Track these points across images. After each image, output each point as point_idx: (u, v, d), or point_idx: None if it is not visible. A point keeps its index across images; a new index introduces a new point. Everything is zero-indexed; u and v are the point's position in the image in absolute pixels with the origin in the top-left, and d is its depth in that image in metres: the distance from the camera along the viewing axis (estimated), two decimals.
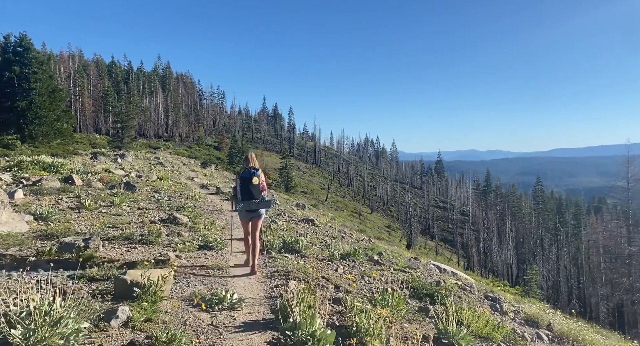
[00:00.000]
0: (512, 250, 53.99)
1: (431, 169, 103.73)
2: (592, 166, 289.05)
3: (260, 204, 6.08)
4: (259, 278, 5.73)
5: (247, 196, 6.03)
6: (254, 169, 6.10)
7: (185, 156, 48.01)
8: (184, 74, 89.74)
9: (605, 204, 51.24)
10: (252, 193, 6.02)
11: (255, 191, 6.03)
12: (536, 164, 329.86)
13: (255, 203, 6.03)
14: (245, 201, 6.03)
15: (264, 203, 6.13)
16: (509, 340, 4.82)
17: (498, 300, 7.30)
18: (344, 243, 10.07)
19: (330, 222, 17.56)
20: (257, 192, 6.04)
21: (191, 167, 32.74)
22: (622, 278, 27.90)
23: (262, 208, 6.16)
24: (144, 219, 9.13)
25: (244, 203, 6.04)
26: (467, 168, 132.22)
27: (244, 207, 6.05)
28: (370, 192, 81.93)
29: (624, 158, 28.03)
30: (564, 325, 6.20)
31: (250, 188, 6.02)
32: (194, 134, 72.92)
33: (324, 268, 6.73)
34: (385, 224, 65.07)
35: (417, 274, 7.86)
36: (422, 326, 4.73)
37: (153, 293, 4.06)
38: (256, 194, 6.03)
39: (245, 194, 6.04)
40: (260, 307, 4.53)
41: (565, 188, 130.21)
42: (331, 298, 5.11)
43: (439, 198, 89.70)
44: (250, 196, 6.02)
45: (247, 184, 6.02)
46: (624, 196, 28.02)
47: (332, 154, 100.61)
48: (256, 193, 6.03)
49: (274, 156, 76.85)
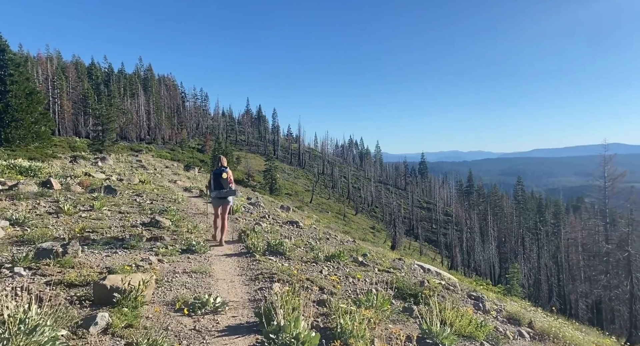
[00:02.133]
0: (494, 249, 54.85)
1: (415, 170, 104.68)
2: (570, 165, 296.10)
3: (227, 192, 8.15)
4: (243, 281, 5.68)
5: (217, 186, 8.11)
6: (223, 167, 8.22)
7: (168, 159, 47.42)
8: (167, 76, 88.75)
9: (583, 203, 52.41)
10: (221, 184, 8.11)
11: (224, 183, 8.11)
12: (517, 164, 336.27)
13: (223, 192, 8.10)
14: (216, 190, 8.10)
15: (230, 192, 8.21)
16: (491, 339, 4.88)
17: (481, 299, 7.38)
18: (329, 245, 10.05)
19: (315, 224, 17.55)
20: (225, 184, 8.12)
21: (174, 170, 32.34)
22: (600, 275, 28.58)
23: (229, 196, 8.21)
24: (125, 223, 8.95)
25: (215, 192, 8.12)
26: (450, 169, 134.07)
27: (215, 195, 8.11)
28: (354, 193, 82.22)
29: (601, 158, 28.72)
30: (545, 322, 6.31)
31: (220, 181, 8.10)
32: (177, 136, 72.07)
33: (308, 270, 6.71)
34: (370, 225, 65.36)
35: (401, 274, 7.90)
36: (406, 327, 4.76)
37: (134, 299, 3.99)
38: (224, 186, 8.12)
39: (216, 185, 8.12)
40: (244, 310, 4.49)
41: (545, 188, 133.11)
42: (316, 300, 5.10)
43: (423, 199, 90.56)
44: (220, 186, 8.11)
45: (218, 178, 8.11)
46: (601, 195, 28.69)
47: (317, 155, 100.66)
48: (224, 185, 8.12)
49: (258, 158, 76.51)
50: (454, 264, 52.03)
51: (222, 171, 8.15)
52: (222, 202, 8.12)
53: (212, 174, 8.25)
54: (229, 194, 8.18)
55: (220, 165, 8.26)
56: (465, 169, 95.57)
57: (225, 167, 8.25)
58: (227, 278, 5.79)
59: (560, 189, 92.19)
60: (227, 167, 8.32)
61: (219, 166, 8.27)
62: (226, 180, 8.15)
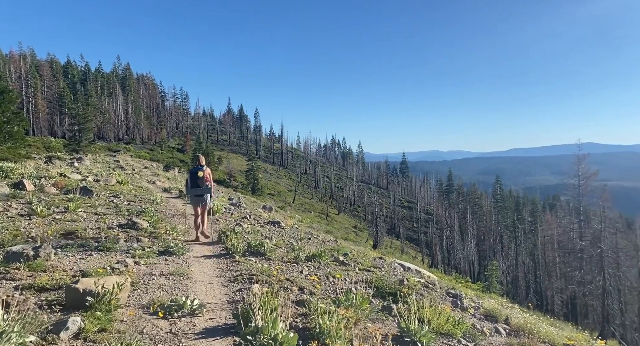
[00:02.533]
0: (473, 247, 55.80)
1: (396, 170, 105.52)
2: (547, 165, 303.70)
3: (204, 190, 8.43)
4: (222, 282, 5.62)
5: (194, 185, 8.38)
6: (200, 166, 8.47)
7: (147, 159, 46.61)
8: (145, 75, 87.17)
9: (559, 201, 53.83)
10: (197, 183, 8.37)
11: (200, 181, 8.38)
12: (495, 163, 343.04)
13: (200, 189, 8.39)
14: (193, 188, 8.38)
15: (206, 190, 8.46)
16: (468, 336, 4.94)
17: (459, 297, 7.48)
18: (310, 245, 10.04)
19: (297, 224, 17.51)
20: (202, 182, 8.40)
21: (153, 171, 31.81)
22: (575, 271, 29.39)
23: (206, 193, 8.47)
24: (101, 225, 8.76)
25: (192, 190, 8.39)
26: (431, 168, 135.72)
27: (192, 193, 8.40)
28: (337, 193, 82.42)
29: (575, 157, 29.53)
30: (521, 318, 6.43)
31: (196, 179, 8.37)
32: (156, 136, 70.88)
33: (288, 270, 6.68)
34: (353, 224, 65.64)
35: (381, 273, 7.94)
36: (385, 325, 4.78)
37: (108, 302, 3.89)
38: (201, 184, 8.39)
39: (193, 183, 8.38)
40: (222, 312, 4.44)
41: (522, 186, 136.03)
42: (295, 301, 5.08)
43: (404, 198, 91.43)
44: (196, 185, 8.38)
45: (195, 176, 8.37)
46: (575, 193, 29.48)
47: (299, 155, 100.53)
48: (201, 183, 8.39)
49: (240, 158, 75.94)
50: (434, 262, 52.74)
51: (199, 169, 8.43)
52: (199, 200, 8.42)
53: (189, 173, 8.60)
54: (204, 191, 8.44)
55: (198, 164, 8.54)
56: (445, 169, 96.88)
57: (202, 165, 8.50)
58: (206, 279, 5.72)
59: (537, 188, 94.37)
60: (205, 166, 8.58)
61: (196, 164, 8.57)
62: (202, 178, 8.41)
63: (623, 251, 31.26)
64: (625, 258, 32.36)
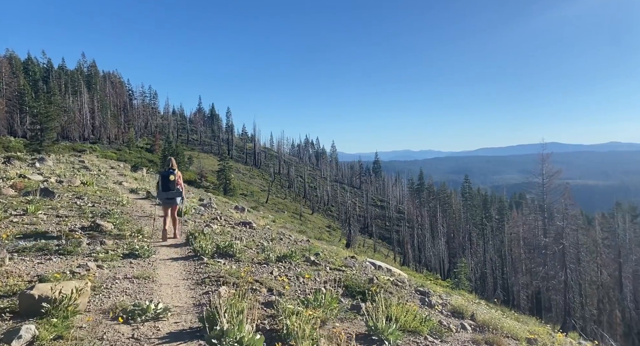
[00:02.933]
0: (443, 245, 57.01)
1: (369, 170, 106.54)
2: (513, 163, 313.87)
3: (175, 193, 8.62)
4: (189, 285, 5.50)
5: (165, 188, 8.56)
6: (171, 169, 8.68)
7: (114, 159, 45.21)
8: (112, 73, 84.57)
9: (524, 199, 55.76)
10: (168, 186, 8.55)
11: (171, 184, 8.57)
12: (464, 163, 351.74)
13: (171, 193, 8.57)
14: (164, 191, 8.55)
15: (178, 193, 8.67)
16: (435, 332, 5.03)
17: (427, 294, 7.61)
18: (282, 245, 9.98)
19: (270, 224, 17.37)
20: (172, 185, 8.58)
21: (120, 171, 30.87)
22: (539, 267, 30.49)
23: (177, 196, 8.66)
24: (63, 228, 8.41)
25: (163, 193, 8.56)
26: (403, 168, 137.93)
27: (163, 196, 8.57)
28: (311, 193, 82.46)
29: (540, 156, 30.62)
30: (486, 314, 6.60)
31: (167, 182, 8.55)
32: (123, 136, 68.87)
33: (258, 271, 6.62)
34: (326, 224, 65.81)
35: (352, 272, 7.98)
36: (353, 324, 4.80)
37: (65, 308, 3.73)
38: (172, 187, 8.58)
39: (165, 187, 8.56)
40: (188, 316, 4.34)
41: (490, 185, 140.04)
42: (264, 302, 5.03)
43: (377, 197, 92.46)
44: (168, 188, 8.55)
45: (166, 180, 8.55)
46: (539, 191, 30.57)
47: (273, 155, 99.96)
48: (172, 186, 8.57)
49: (212, 158, 74.82)
50: (406, 260, 53.56)
51: (171, 173, 8.63)
52: (170, 203, 8.67)
53: (160, 176, 8.75)
54: (176, 195, 8.65)
55: (170, 167, 8.77)
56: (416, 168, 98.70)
57: (173, 169, 8.74)
58: (172, 282, 5.58)
59: (504, 186, 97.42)
60: (176, 170, 8.82)
61: (168, 168, 8.78)
62: (174, 182, 8.62)
63: (583, 247, 32.70)
64: (586, 253, 33.87)
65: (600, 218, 44.62)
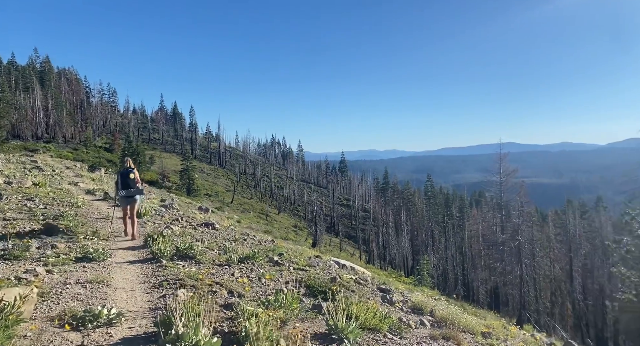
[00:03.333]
0: (407, 243, 58.23)
1: (336, 169, 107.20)
2: (473, 163, 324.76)
3: (135, 192, 8.78)
4: (145, 289, 5.33)
5: (125, 186, 8.70)
6: (130, 168, 8.91)
7: (70, 159, 43.22)
8: (68, 69, 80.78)
9: (484, 197, 57.65)
10: (129, 184, 8.72)
11: (131, 183, 8.75)
12: (427, 162, 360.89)
13: (131, 191, 8.72)
14: (124, 189, 8.68)
15: (137, 191, 8.86)
16: (394, 329, 5.12)
17: (389, 292, 7.74)
18: (245, 246, 9.85)
19: (234, 225, 17.15)
20: (132, 183, 8.76)
21: (76, 172, 29.54)
22: (497, 263, 31.74)
23: (137, 194, 8.84)
24: (10, 231, 7.95)
25: (123, 191, 8.68)
26: (368, 167, 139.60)
27: (124, 194, 8.67)
28: (277, 192, 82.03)
29: (497, 156, 31.83)
30: (445, 310, 6.80)
31: (127, 181, 8.72)
32: (80, 135, 65.91)
33: (219, 273, 6.51)
34: (293, 223, 65.68)
35: (316, 272, 8.01)
36: (314, 324, 4.81)
37: (7, 317, 3.53)
38: (132, 185, 8.76)
39: (124, 185, 8.70)
40: (143, 320, 4.21)
41: (452, 184, 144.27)
42: (224, 304, 4.96)
43: (343, 196, 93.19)
44: (128, 186, 8.72)
45: (126, 178, 8.72)
46: (497, 190, 31.77)
47: (238, 155, 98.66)
48: (132, 184, 8.76)
49: (175, 158, 72.98)
50: (371, 258, 54.29)
51: (130, 171, 8.83)
52: (130, 201, 8.75)
53: (119, 175, 8.87)
54: (136, 193, 8.83)
55: (128, 166, 8.97)
56: (381, 167, 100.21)
57: (132, 168, 8.97)
58: (128, 286, 5.40)
59: (465, 185, 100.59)
60: (134, 168, 9.06)
61: (126, 167, 8.99)
62: (134, 180, 8.80)
63: (538, 243, 34.30)
64: (540, 248, 35.55)
65: (553, 215, 46.98)
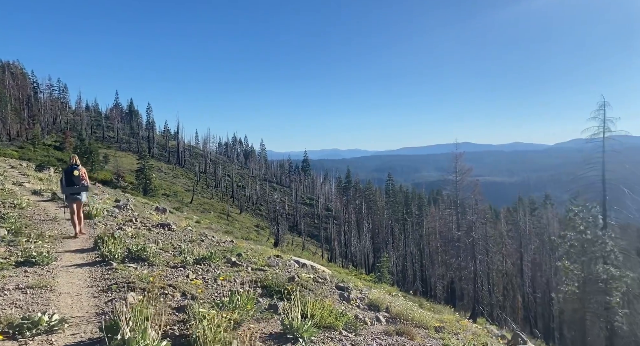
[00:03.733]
0: (368, 240, 59.19)
1: (299, 168, 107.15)
2: (431, 162, 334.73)
3: (80, 189, 8.79)
4: (93, 293, 5.11)
5: (70, 183, 8.72)
6: (75, 165, 8.88)
7: (15, 158, 40.70)
8: (12, 63, 75.95)
9: (441, 196, 59.60)
10: (73, 181, 8.74)
11: (76, 180, 8.75)
12: (388, 161, 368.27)
13: (76, 188, 8.73)
14: (68, 187, 8.69)
15: (83, 188, 8.87)
16: (350, 326, 5.18)
17: (347, 289, 7.83)
18: (202, 247, 9.67)
19: (193, 225, 16.75)
20: (77, 181, 8.77)
21: (22, 171, 27.79)
22: (452, 259, 32.93)
23: (82, 191, 8.85)
24: None
25: (68, 189, 8.69)
26: (331, 166, 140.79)
27: (68, 191, 8.68)
28: (239, 192, 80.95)
29: (453, 155, 32.99)
30: (400, 306, 6.97)
31: (72, 178, 8.73)
32: (27, 132, 62.19)
33: (173, 275, 6.34)
34: (255, 223, 65.07)
35: (275, 272, 7.97)
36: (270, 324, 4.79)
37: None
38: (77, 182, 8.76)
39: (69, 182, 8.72)
40: (89, 326, 4.03)
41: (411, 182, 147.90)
42: (176, 307, 4.83)
43: (306, 195, 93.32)
44: (72, 183, 8.73)
45: (70, 176, 8.73)
46: (453, 188, 32.91)
47: (198, 154, 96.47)
48: (77, 181, 8.76)
49: (131, 157, 70.38)
50: (333, 256, 54.74)
51: (75, 168, 8.82)
52: (76, 199, 8.76)
53: (64, 172, 8.85)
54: (81, 189, 8.82)
55: (73, 163, 8.94)
56: (344, 167, 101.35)
57: (77, 165, 8.95)
58: (74, 291, 5.15)
59: (423, 184, 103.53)
60: (80, 166, 9.04)
61: (71, 164, 8.95)
62: (79, 177, 8.79)
63: (491, 239, 35.85)
64: (493, 244, 37.18)
65: (505, 212, 49.25)
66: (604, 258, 21.57)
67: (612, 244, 21.39)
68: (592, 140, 24.05)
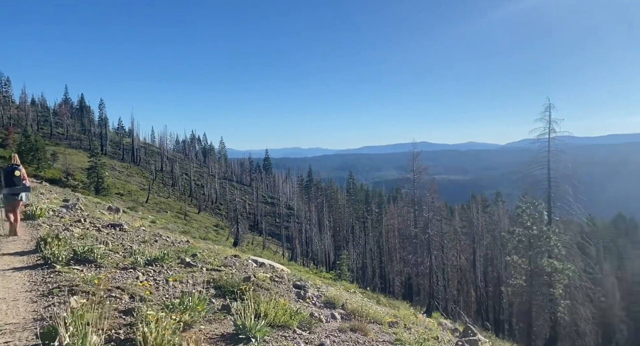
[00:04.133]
0: (329, 239, 59.63)
1: (260, 166, 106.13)
2: (392, 161, 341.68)
3: (21, 189, 8.58)
4: (32, 297, 4.82)
5: (11, 183, 8.45)
6: (15, 165, 8.64)
7: None
8: None
9: (400, 194, 60.98)
10: (14, 182, 8.47)
11: (17, 180, 8.51)
12: (349, 160, 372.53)
13: (17, 189, 8.50)
14: (8, 187, 8.41)
15: (24, 188, 8.67)
16: (305, 324, 5.18)
17: (304, 288, 7.85)
18: (155, 248, 9.36)
19: (148, 225, 16.23)
20: (18, 181, 8.52)
21: None
22: (410, 255, 33.84)
23: (23, 192, 8.64)
24: None
25: (7, 189, 8.41)
26: (293, 165, 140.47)
27: (8, 192, 8.42)
28: (197, 191, 79.13)
29: (411, 154, 33.85)
30: (356, 303, 7.06)
31: (12, 178, 8.46)
32: None
33: (122, 277, 6.10)
34: (214, 223, 63.85)
35: (231, 272, 7.86)
36: (222, 325, 4.71)
37: None
38: (17, 183, 8.51)
39: (10, 182, 8.45)
40: (24, 333, 3.80)
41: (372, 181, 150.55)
42: (124, 310, 4.65)
43: (268, 194, 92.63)
44: (13, 184, 8.45)
45: (11, 176, 8.45)
46: (411, 186, 33.79)
47: (154, 151, 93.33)
48: (17, 182, 8.52)
49: (82, 154, 67.00)
50: (294, 255, 54.71)
51: (15, 168, 8.60)
52: (15, 199, 8.57)
53: (3, 173, 8.58)
54: (22, 190, 8.62)
55: (13, 163, 8.77)
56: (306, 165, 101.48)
57: (18, 165, 8.76)
58: (10, 296, 4.83)
59: (383, 182, 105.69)
60: (20, 165, 8.87)
61: (11, 164, 8.79)
62: (19, 177, 8.59)
63: (446, 235, 37.14)
64: (448, 240, 38.53)
65: (460, 209, 51.16)
66: (548, 252, 22.89)
67: (555, 239, 22.73)
68: (538, 140, 25.43)
